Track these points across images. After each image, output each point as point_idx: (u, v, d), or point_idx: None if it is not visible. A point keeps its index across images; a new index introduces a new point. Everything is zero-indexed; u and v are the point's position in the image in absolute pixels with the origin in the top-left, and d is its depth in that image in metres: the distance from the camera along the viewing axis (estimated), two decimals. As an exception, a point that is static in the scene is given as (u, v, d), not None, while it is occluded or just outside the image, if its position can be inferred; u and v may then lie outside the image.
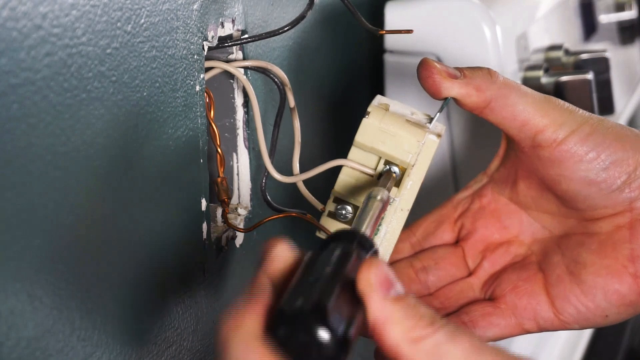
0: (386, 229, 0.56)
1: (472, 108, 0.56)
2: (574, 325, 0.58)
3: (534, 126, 0.55)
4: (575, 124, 0.55)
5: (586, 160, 0.55)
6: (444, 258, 0.61)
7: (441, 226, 0.62)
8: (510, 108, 0.55)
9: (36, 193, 0.41)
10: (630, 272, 0.56)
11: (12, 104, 0.39)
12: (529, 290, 0.58)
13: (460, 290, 0.60)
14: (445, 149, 0.79)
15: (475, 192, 0.62)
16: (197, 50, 0.53)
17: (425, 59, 0.56)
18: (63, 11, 0.41)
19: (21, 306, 0.41)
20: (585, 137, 0.55)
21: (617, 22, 1.15)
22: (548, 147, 0.55)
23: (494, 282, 0.60)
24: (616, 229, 0.57)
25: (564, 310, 0.57)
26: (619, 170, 0.55)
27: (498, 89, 0.55)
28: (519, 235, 0.61)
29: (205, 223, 0.56)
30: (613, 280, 0.56)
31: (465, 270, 0.61)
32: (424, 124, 0.55)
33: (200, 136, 0.55)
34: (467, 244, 0.61)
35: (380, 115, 0.55)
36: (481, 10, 0.76)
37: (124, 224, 0.48)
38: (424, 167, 0.55)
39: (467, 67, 0.56)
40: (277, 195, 0.62)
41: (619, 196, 0.56)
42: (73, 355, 0.45)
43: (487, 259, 0.61)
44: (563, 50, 0.89)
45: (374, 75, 0.82)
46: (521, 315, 0.58)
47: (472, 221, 0.61)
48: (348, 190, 0.56)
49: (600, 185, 0.56)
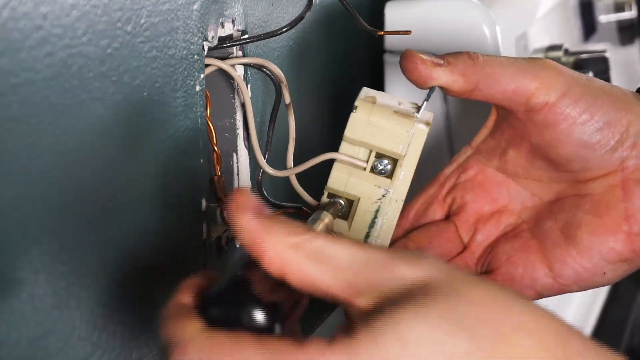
0: (382, 220, 0.56)
1: (460, 93, 0.56)
2: (573, 287, 0.58)
3: (525, 91, 0.55)
4: (566, 85, 0.55)
5: (580, 122, 0.56)
6: (437, 235, 0.61)
7: (431, 206, 0.62)
8: (498, 83, 0.56)
9: (36, 193, 0.41)
10: (625, 230, 0.56)
11: (12, 104, 0.39)
12: (523, 259, 0.58)
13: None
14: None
15: (461, 165, 0.62)
16: (197, 50, 0.53)
17: (407, 51, 0.56)
18: (63, 11, 0.41)
19: (21, 306, 0.41)
20: (578, 98, 0.55)
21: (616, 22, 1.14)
22: (541, 110, 0.55)
23: (488, 255, 0.60)
24: (609, 188, 0.57)
25: (562, 274, 0.57)
26: (612, 130, 0.56)
27: (482, 69, 0.56)
28: (509, 204, 0.61)
29: (205, 223, 0.56)
30: (608, 238, 0.57)
31: (460, 244, 0.61)
32: (412, 114, 0.55)
33: (200, 136, 0.55)
34: (458, 218, 0.61)
35: (368, 109, 0.55)
36: (481, 10, 0.76)
37: (124, 224, 0.48)
38: (415, 157, 0.55)
39: (449, 54, 0.56)
40: (276, 192, 0.62)
41: (611, 156, 0.56)
42: (73, 355, 0.45)
43: (479, 232, 0.61)
44: (563, 50, 0.89)
45: (374, 75, 0.82)
46: (519, 284, 0.58)
47: (461, 194, 0.61)
48: (341, 185, 0.56)
49: (595, 146, 0.56)
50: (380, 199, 0.56)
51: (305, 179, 0.59)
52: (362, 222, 0.56)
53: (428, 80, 0.55)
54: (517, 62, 0.56)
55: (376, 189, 0.55)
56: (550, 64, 0.56)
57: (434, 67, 0.55)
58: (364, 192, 0.56)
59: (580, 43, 1.03)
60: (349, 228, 0.56)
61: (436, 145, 0.79)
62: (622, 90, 0.57)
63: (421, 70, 0.55)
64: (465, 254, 0.60)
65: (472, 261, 0.60)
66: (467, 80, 0.56)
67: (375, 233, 0.56)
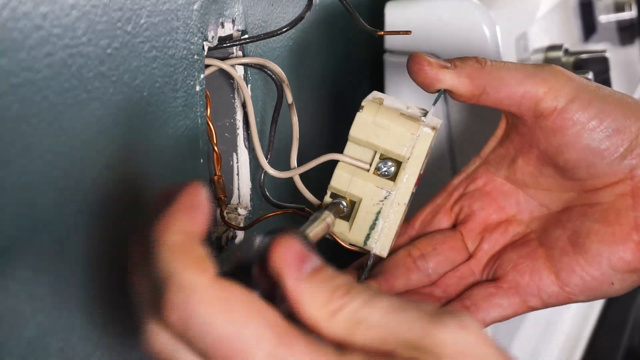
0: (383, 223, 0.56)
1: (468, 98, 0.56)
2: (580, 297, 0.57)
3: (533, 96, 0.55)
4: (575, 91, 0.55)
5: (589, 128, 0.55)
6: (442, 243, 0.60)
7: (438, 215, 0.62)
8: (506, 87, 0.55)
9: (36, 193, 0.41)
10: (635, 239, 0.56)
11: (12, 104, 0.39)
12: (530, 267, 0.58)
13: (461, 276, 0.60)
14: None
15: (469, 175, 0.62)
16: (197, 50, 0.53)
17: (415, 53, 0.56)
18: (63, 11, 0.41)
19: (21, 306, 0.41)
20: (587, 104, 0.55)
21: (616, 22, 1.15)
22: (550, 116, 0.55)
23: (494, 262, 0.59)
24: (618, 197, 0.57)
25: (570, 282, 0.57)
26: (621, 137, 0.55)
27: (489, 73, 0.55)
28: (517, 214, 0.60)
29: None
30: (618, 247, 0.56)
31: (465, 253, 0.61)
32: (419, 117, 0.55)
33: (201, 136, 0.55)
34: (465, 227, 0.61)
35: (375, 109, 0.55)
36: (481, 10, 0.76)
37: (124, 224, 0.48)
38: (419, 161, 0.55)
39: (456, 58, 0.56)
40: (277, 192, 0.62)
41: (620, 164, 0.56)
42: (73, 355, 0.45)
43: (485, 240, 0.60)
44: (563, 50, 0.89)
45: (374, 75, 0.82)
46: (524, 292, 0.58)
47: (469, 204, 0.61)
48: (344, 185, 0.56)
49: (603, 153, 0.56)
50: (382, 201, 0.56)
51: (307, 178, 0.59)
52: (363, 223, 0.56)
53: (434, 83, 0.55)
54: (525, 67, 0.56)
55: (379, 191, 0.55)
56: (559, 70, 0.56)
57: (440, 70, 0.55)
58: (366, 193, 0.56)
59: (580, 43, 1.03)
60: (350, 229, 0.56)
61: (437, 152, 0.79)
62: (631, 97, 0.57)
63: (428, 72, 0.55)
64: (471, 262, 0.60)
65: (477, 269, 0.60)
66: (474, 83, 0.55)
67: (376, 235, 0.56)
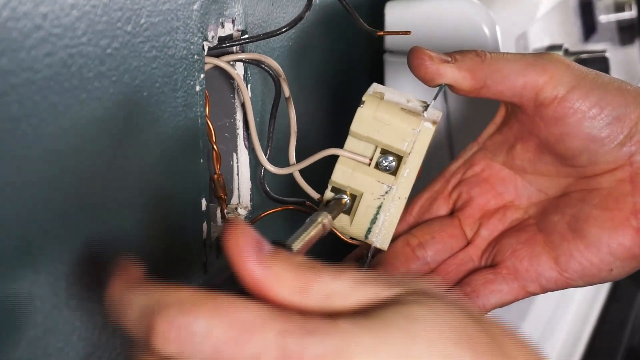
0: (384, 217, 0.56)
1: (469, 91, 0.56)
2: (579, 282, 0.57)
3: (534, 85, 0.55)
4: (575, 79, 0.55)
5: (589, 116, 0.55)
6: (440, 230, 0.60)
7: (436, 201, 0.62)
8: (507, 79, 0.55)
9: (36, 193, 0.41)
10: (634, 225, 0.56)
11: (12, 104, 0.39)
12: (529, 252, 0.58)
13: (460, 262, 0.60)
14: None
15: (467, 161, 0.62)
16: (197, 50, 0.53)
17: (415, 47, 0.56)
18: (63, 11, 0.41)
19: (21, 306, 0.41)
20: (587, 92, 0.55)
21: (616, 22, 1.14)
22: (551, 105, 0.55)
23: (493, 248, 0.59)
24: (617, 183, 0.57)
25: (568, 267, 0.57)
26: (621, 125, 0.56)
27: (489, 66, 0.55)
28: (515, 200, 0.61)
29: (205, 223, 0.56)
30: (617, 233, 0.56)
31: (463, 240, 0.61)
32: (420, 112, 0.55)
33: (201, 136, 0.55)
34: (463, 213, 0.61)
35: (375, 104, 0.55)
36: (481, 10, 0.76)
37: (124, 224, 0.48)
38: (420, 155, 0.55)
39: (455, 52, 0.56)
40: (277, 187, 0.62)
41: (619, 151, 0.56)
42: (73, 355, 0.45)
43: (484, 226, 0.60)
44: (563, 50, 0.89)
45: (374, 76, 0.82)
46: (523, 278, 0.58)
47: (467, 190, 0.61)
48: (345, 180, 0.56)
49: (604, 140, 0.56)
50: (383, 195, 0.56)
51: (308, 172, 0.59)
52: (364, 217, 0.56)
53: (435, 77, 0.55)
54: (524, 57, 0.56)
55: (380, 185, 0.56)
56: (558, 58, 0.56)
57: (441, 64, 0.55)
58: (368, 188, 0.56)
59: (580, 43, 1.03)
60: (350, 223, 0.56)
61: (436, 144, 0.79)
62: (631, 85, 0.57)
63: (429, 66, 0.55)
64: (469, 249, 0.60)
65: (476, 255, 0.60)
66: (474, 77, 0.55)
67: (377, 229, 0.56)
